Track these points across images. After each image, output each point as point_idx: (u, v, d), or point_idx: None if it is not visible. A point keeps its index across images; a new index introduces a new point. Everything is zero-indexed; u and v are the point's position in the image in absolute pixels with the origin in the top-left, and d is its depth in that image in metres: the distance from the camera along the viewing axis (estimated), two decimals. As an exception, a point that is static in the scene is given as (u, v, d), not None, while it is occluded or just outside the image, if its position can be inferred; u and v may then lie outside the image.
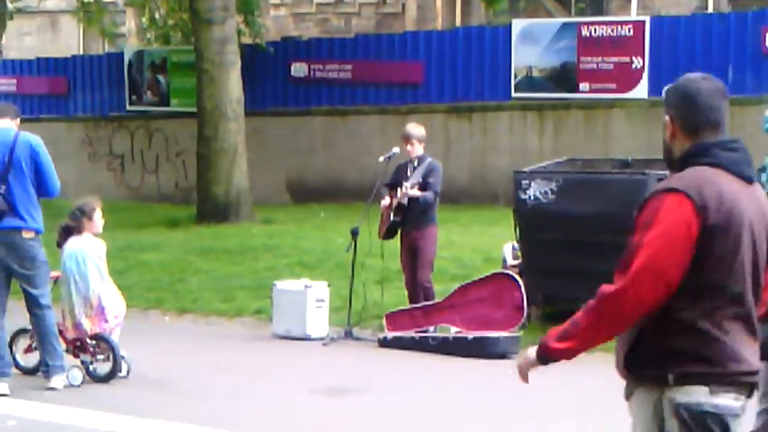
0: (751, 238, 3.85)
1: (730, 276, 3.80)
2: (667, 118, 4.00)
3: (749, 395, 3.91)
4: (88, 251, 9.23)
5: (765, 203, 3.96)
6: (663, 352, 3.85)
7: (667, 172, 9.84)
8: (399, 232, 11.13)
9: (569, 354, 3.99)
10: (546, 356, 4.05)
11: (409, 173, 11.03)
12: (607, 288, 3.87)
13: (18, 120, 9.00)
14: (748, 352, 3.85)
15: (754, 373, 3.88)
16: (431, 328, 10.83)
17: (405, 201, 10.85)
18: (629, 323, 3.85)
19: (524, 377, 4.15)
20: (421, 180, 10.84)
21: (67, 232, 9.33)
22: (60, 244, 9.33)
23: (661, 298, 3.77)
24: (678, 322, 3.80)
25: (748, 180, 3.91)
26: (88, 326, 9.19)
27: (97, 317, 9.19)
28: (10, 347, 9.27)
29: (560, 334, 4.01)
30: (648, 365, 3.90)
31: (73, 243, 9.24)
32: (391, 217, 11.00)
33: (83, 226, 9.28)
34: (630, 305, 3.79)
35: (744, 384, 3.86)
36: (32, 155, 8.72)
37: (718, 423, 3.79)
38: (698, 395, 3.77)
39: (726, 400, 3.80)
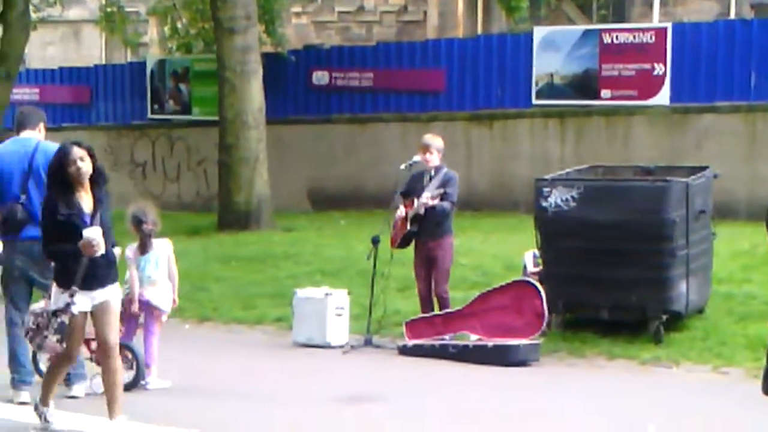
0: None
1: None
2: None
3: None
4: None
5: None
6: None
7: (689, 178, 9.78)
8: (413, 241, 11.10)
9: None
10: None
11: (425, 183, 10.99)
12: None
13: (41, 125, 9.04)
14: None
15: None
16: (450, 336, 10.81)
17: (422, 211, 10.82)
18: None
19: None
20: (438, 190, 10.80)
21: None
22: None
23: None
24: None
25: None
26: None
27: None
28: (35, 356, 9.30)
29: None
30: None
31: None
32: (408, 227, 10.98)
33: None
34: None
35: None
36: (51, 164, 8.75)
37: None
38: None
39: None
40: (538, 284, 10.63)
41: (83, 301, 7.36)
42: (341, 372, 10.17)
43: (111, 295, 7.52)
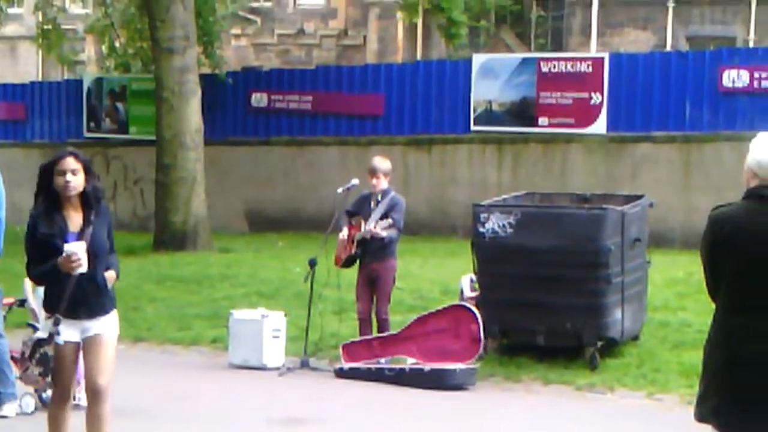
0: None
1: None
2: None
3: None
4: None
5: None
6: None
7: (624, 207, 9.91)
8: (358, 261, 11.10)
9: None
10: None
11: (372, 206, 10.98)
12: None
13: None
14: None
15: None
16: (387, 359, 10.80)
17: (368, 236, 10.81)
18: None
19: None
20: (387, 221, 10.78)
21: None
22: None
23: None
24: None
25: None
26: None
27: None
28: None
29: None
30: None
31: None
32: (353, 250, 10.97)
33: None
34: None
35: None
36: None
37: None
38: None
39: None
40: (474, 309, 10.66)
41: (69, 332, 6.48)
42: (277, 394, 10.12)
43: (104, 328, 6.58)
